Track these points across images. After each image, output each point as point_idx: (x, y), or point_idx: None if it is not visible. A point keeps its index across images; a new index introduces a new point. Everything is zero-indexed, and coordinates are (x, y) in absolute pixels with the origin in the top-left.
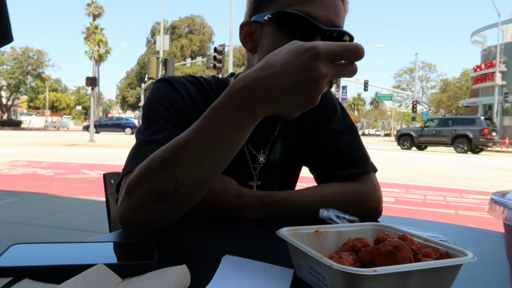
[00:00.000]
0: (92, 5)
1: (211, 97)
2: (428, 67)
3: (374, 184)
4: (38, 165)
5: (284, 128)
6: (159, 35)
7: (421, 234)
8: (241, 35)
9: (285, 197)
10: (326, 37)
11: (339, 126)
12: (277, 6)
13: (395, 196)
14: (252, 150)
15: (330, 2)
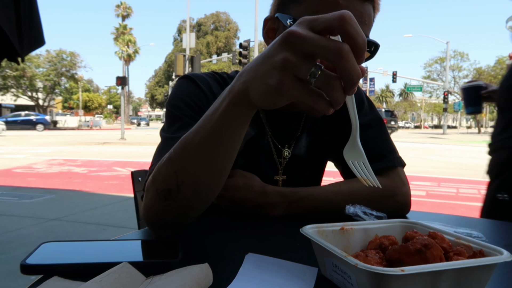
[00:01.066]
0: (121, 6)
1: None
2: (460, 55)
3: (401, 179)
4: (73, 163)
5: (310, 123)
6: (186, 33)
7: (453, 230)
8: (264, 29)
9: (310, 194)
10: None
11: (366, 120)
12: (301, 10)
13: (426, 190)
14: (278, 144)
15: (357, 7)
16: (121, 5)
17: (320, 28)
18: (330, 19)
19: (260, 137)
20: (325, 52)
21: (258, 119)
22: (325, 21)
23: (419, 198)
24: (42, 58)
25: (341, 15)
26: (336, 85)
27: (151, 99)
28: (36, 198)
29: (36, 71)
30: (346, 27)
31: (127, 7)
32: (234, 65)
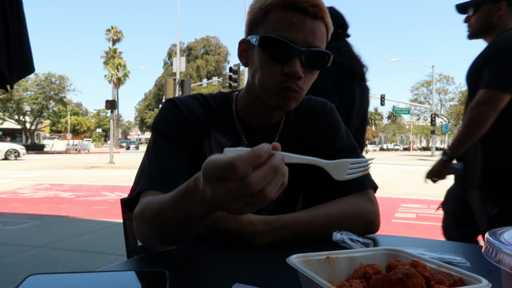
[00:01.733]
0: (112, 30)
1: (215, 111)
2: (445, 79)
3: (372, 200)
4: (60, 188)
5: (285, 137)
6: (176, 57)
7: (438, 256)
8: (238, 50)
9: (294, 217)
10: (303, 57)
11: (342, 145)
12: (263, 30)
13: (416, 212)
14: None
15: (307, 25)
16: (112, 29)
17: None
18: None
19: (236, 147)
20: (246, 194)
21: (235, 130)
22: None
23: (409, 220)
24: (30, 82)
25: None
26: (268, 196)
27: (140, 122)
28: (21, 225)
29: (24, 94)
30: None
31: (118, 31)
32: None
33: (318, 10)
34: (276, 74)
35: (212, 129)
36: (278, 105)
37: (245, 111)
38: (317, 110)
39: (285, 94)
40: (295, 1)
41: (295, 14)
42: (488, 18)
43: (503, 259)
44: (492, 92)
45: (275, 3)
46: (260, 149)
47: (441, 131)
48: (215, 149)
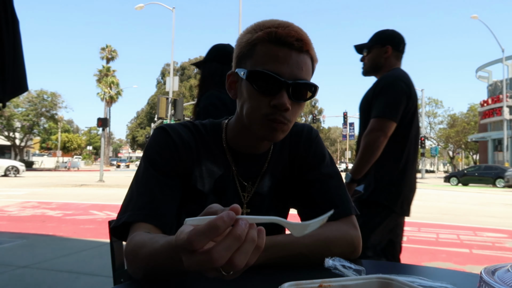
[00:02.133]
0: (107, 49)
1: (205, 139)
2: (434, 102)
3: (355, 225)
4: (47, 206)
5: (273, 165)
6: (169, 76)
7: (428, 284)
8: (227, 83)
9: (282, 239)
10: (290, 89)
11: (328, 171)
12: (251, 64)
13: (407, 235)
14: (242, 181)
15: (293, 59)
16: (107, 48)
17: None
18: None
19: (226, 175)
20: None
21: (224, 158)
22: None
23: None
24: (22, 98)
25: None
26: (238, 265)
27: (132, 140)
28: (6, 244)
29: (15, 111)
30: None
31: (112, 50)
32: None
33: (303, 44)
34: (264, 106)
35: (202, 158)
36: (266, 136)
37: (235, 141)
38: (304, 136)
39: (272, 126)
40: (281, 36)
41: (281, 48)
42: (377, 59)
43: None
44: (381, 120)
45: (261, 38)
46: (217, 220)
47: (430, 154)
48: (206, 177)
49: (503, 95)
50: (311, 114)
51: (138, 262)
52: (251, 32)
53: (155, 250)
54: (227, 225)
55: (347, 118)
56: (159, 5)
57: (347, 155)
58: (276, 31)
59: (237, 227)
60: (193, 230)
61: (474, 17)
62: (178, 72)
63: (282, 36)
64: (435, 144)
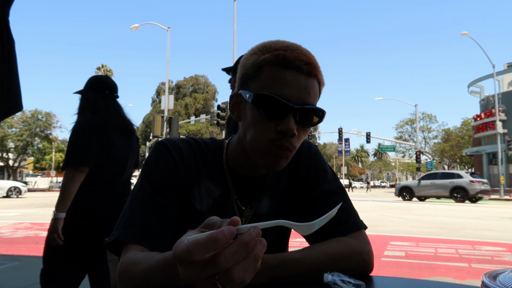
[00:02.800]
0: (102, 69)
1: (207, 156)
2: (428, 117)
3: (366, 240)
4: (40, 227)
5: (272, 185)
6: (164, 95)
7: None
8: (230, 104)
9: (290, 255)
10: (297, 114)
11: (331, 187)
12: (256, 87)
13: (405, 250)
14: (241, 205)
15: (301, 83)
16: (102, 68)
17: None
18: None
19: (225, 197)
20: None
21: (224, 180)
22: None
23: (398, 259)
24: (16, 118)
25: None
26: (235, 279)
27: None
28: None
29: (9, 131)
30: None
31: (108, 69)
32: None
33: (312, 68)
34: (269, 131)
35: (202, 176)
36: (268, 164)
37: (235, 162)
38: (303, 153)
39: (277, 152)
40: (289, 59)
41: (288, 72)
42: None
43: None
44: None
45: (268, 60)
46: (218, 233)
47: (426, 168)
48: (204, 197)
49: (496, 110)
50: None
51: (132, 281)
52: (258, 54)
53: (150, 267)
54: (227, 239)
55: (342, 134)
56: (154, 25)
57: (343, 171)
58: (285, 54)
59: (246, 234)
60: (192, 241)
61: (464, 34)
62: (173, 90)
63: (291, 59)
64: (430, 159)
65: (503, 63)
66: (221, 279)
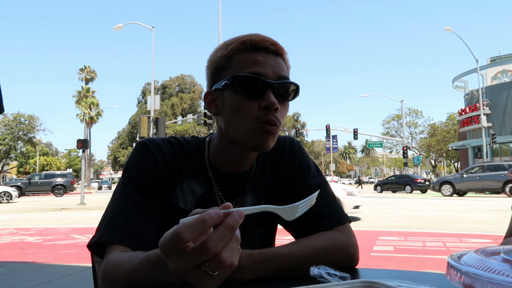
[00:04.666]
0: (85, 70)
1: (189, 155)
2: (414, 113)
3: (351, 233)
4: (26, 232)
5: (256, 181)
6: (150, 95)
7: (413, 287)
8: (205, 103)
9: (276, 251)
10: (275, 89)
11: (314, 182)
12: (231, 72)
13: (394, 245)
14: (224, 200)
15: (272, 61)
16: (85, 69)
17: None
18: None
19: (208, 194)
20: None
21: (207, 177)
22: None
23: (387, 253)
24: None
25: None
26: (225, 261)
27: (113, 161)
28: None
29: None
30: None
31: (91, 70)
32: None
33: (278, 48)
34: (253, 110)
35: (184, 175)
36: (258, 143)
37: (217, 159)
38: (286, 150)
39: (265, 129)
40: (256, 42)
41: (258, 53)
42: None
43: (466, 281)
44: None
45: (236, 48)
46: (205, 215)
47: (413, 163)
48: (187, 195)
49: (480, 104)
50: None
51: (116, 282)
52: (224, 48)
53: (134, 268)
54: (214, 221)
55: (330, 131)
56: (138, 24)
57: (332, 168)
58: (251, 39)
59: (230, 217)
60: (181, 224)
61: (447, 29)
62: (159, 90)
63: (258, 42)
64: (417, 154)
65: (487, 58)
66: (210, 265)
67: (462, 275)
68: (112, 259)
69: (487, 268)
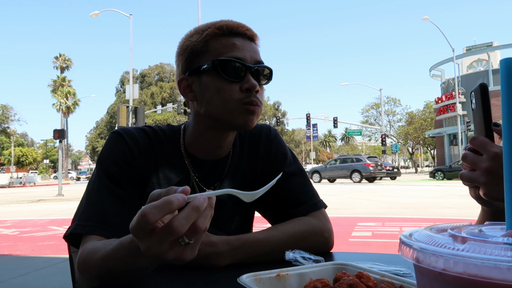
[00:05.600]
0: (60, 58)
1: (164, 143)
2: (393, 101)
3: (326, 218)
4: (1, 224)
5: (233, 168)
6: (129, 84)
7: (384, 269)
8: (180, 89)
9: (253, 236)
10: (254, 72)
11: (291, 170)
12: (209, 57)
13: (372, 230)
14: (202, 186)
15: (248, 45)
16: (60, 57)
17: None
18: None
19: (185, 182)
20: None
21: (183, 165)
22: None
23: (365, 239)
24: None
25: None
26: (201, 227)
27: (92, 151)
28: None
29: None
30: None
31: (66, 59)
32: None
33: (252, 33)
34: (236, 92)
35: (160, 164)
36: (243, 123)
37: (193, 146)
38: (263, 138)
39: (249, 109)
40: (232, 27)
41: (235, 38)
42: None
43: (413, 255)
44: None
45: (212, 33)
46: (171, 197)
47: (391, 151)
48: (163, 184)
49: (456, 92)
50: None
51: (92, 269)
52: (198, 33)
53: (108, 253)
54: (180, 202)
55: (310, 119)
56: (116, 12)
57: (312, 156)
58: (227, 24)
59: (196, 200)
60: (147, 205)
61: (425, 19)
62: (138, 79)
63: (234, 27)
64: (395, 142)
65: (463, 47)
66: (187, 234)
67: (411, 250)
68: (87, 247)
69: (433, 243)
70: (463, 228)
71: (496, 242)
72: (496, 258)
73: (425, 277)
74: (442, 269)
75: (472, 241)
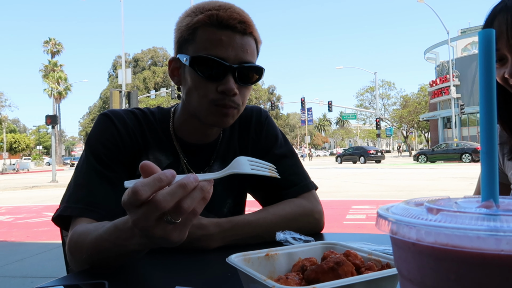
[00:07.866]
0: (50, 42)
1: (154, 126)
2: (387, 85)
3: (317, 200)
4: None
5: (223, 151)
6: (121, 69)
7: (373, 248)
8: (169, 69)
9: (243, 218)
10: (236, 73)
11: (282, 151)
12: (193, 49)
13: (366, 213)
14: (191, 170)
15: (237, 42)
16: (50, 41)
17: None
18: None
19: (175, 165)
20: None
21: (173, 148)
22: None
23: (359, 221)
24: None
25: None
26: (186, 209)
27: (85, 137)
28: None
29: None
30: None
31: (57, 43)
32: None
33: (246, 26)
34: (210, 92)
35: (150, 147)
36: (215, 123)
37: (182, 129)
38: (253, 120)
39: (222, 111)
40: (223, 18)
41: (223, 32)
42: None
43: (389, 227)
44: None
45: (202, 21)
46: (160, 174)
47: (386, 134)
48: None
49: (450, 75)
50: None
51: (83, 252)
52: (191, 15)
53: (100, 235)
54: (169, 179)
55: (305, 103)
56: None
57: (307, 140)
58: (218, 14)
59: (185, 178)
60: (138, 181)
61: (420, 1)
62: (131, 64)
63: (224, 18)
64: (389, 125)
65: (457, 30)
66: (172, 213)
67: (386, 221)
68: (78, 230)
69: (408, 214)
70: (440, 201)
71: (467, 212)
72: (465, 227)
73: (400, 249)
74: (416, 239)
75: (445, 212)
